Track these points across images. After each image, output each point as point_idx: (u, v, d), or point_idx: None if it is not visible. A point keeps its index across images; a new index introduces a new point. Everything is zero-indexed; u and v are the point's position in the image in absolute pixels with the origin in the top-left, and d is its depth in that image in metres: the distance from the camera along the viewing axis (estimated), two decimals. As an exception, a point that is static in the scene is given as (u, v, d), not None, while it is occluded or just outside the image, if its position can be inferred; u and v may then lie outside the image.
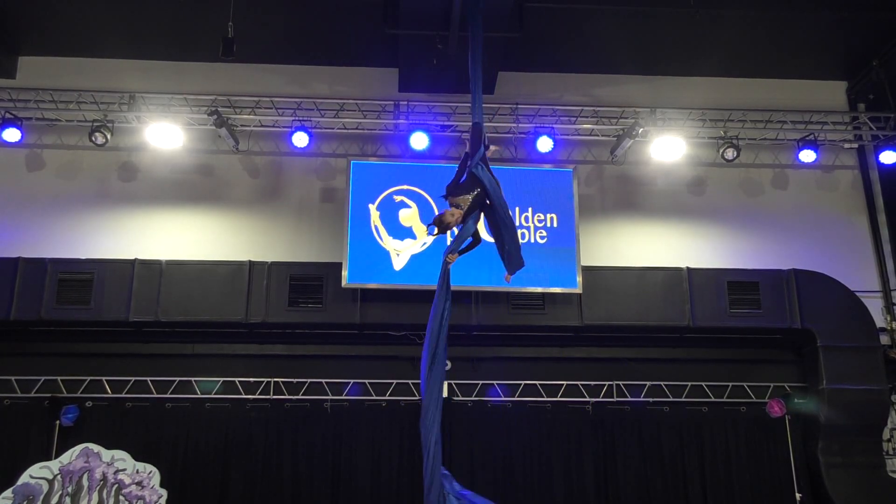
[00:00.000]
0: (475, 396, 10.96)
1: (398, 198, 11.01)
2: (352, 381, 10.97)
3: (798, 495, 10.53)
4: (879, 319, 11.25)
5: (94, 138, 10.98)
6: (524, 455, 10.72)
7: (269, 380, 10.89)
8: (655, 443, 10.89)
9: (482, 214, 6.28)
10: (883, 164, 11.78)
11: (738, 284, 11.03)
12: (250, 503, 10.34)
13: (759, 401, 11.06)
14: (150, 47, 11.70)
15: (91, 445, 9.74)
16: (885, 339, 11.18)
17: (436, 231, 6.21)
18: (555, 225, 11.04)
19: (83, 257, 10.80)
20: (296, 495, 10.41)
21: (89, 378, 10.72)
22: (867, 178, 12.16)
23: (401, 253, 10.82)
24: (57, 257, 10.72)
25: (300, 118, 11.37)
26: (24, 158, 11.55)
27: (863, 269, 11.68)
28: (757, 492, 10.73)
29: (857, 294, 11.12)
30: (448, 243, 6.76)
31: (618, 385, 11.14)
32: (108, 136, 11.05)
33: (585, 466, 10.74)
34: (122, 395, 10.71)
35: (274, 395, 10.85)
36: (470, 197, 6.15)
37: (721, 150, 11.49)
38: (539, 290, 10.80)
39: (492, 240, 6.40)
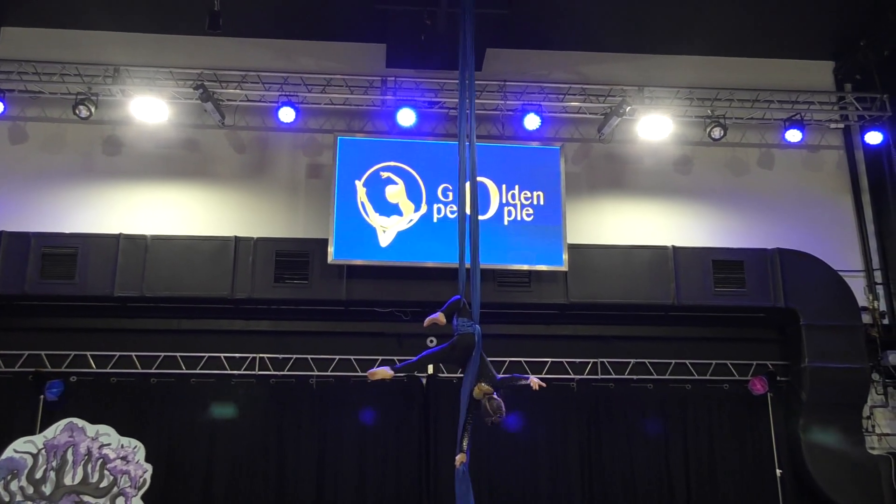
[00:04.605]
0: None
1: (385, 174, 10.98)
2: (337, 357, 10.97)
3: (778, 471, 10.65)
4: (861, 298, 11.37)
5: (77, 111, 10.88)
6: (509, 431, 10.75)
7: (255, 356, 10.88)
8: (639, 419, 10.98)
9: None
10: (868, 144, 11.86)
11: (723, 263, 11.10)
12: (236, 478, 10.38)
13: (742, 378, 11.15)
14: (135, 19, 11.56)
15: (76, 420, 9.72)
16: (866, 318, 11.30)
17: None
18: (541, 203, 11.05)
19: (67, 231, 10.74)
20: (281, 469, 10.44)
21: (74, 353, 10.68)
22: (852, 159, 12.22)
23: (387, 229, 10.80)
24: (41, 231, 10.65)
25: (287, 93, 11.29)
26: (6, 131, 11.43)
27: (846, 249, 11.78)
28: (739, 468, 10.85)
29: (841, 273, 11.23)
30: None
31: (602, 362, 11.20)
32: (93, 110, 10.95)
33: (570, 442, 10.84)
34: (107, 371, 10.68)
35: (259, 370, 10.85)
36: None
37: (708, 129, 11.52)
38: (525, 267, 10.83)
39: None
